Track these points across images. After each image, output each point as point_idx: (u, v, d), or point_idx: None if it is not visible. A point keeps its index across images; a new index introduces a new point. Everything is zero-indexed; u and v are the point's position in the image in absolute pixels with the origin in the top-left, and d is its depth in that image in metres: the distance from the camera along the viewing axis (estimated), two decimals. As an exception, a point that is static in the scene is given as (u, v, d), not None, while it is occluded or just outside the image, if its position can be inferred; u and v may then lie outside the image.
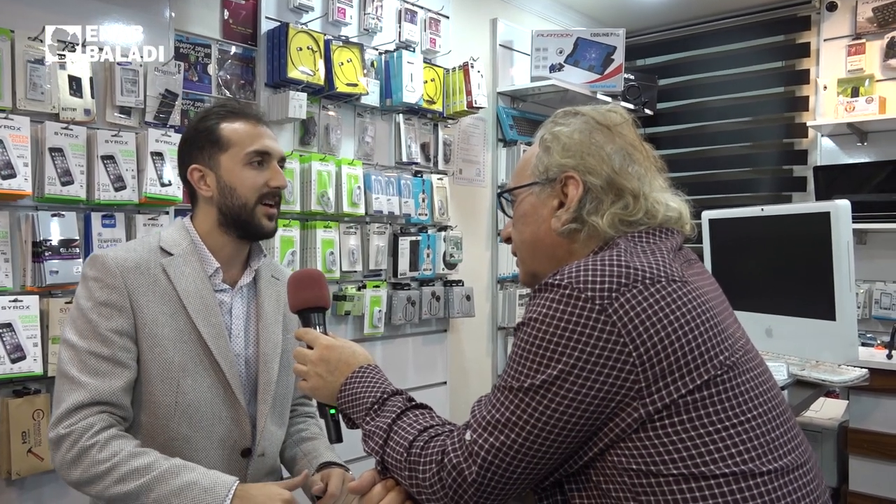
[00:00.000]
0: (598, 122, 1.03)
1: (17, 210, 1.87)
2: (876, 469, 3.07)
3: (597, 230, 0.98)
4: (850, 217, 1.87)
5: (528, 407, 0.86)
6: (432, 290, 3.02)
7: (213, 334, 1.35)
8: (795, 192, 3.93)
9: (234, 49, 2.43)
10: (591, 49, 3.50)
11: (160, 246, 1.38)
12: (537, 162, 1.05)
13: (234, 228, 1.41)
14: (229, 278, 1.44)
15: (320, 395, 1.12)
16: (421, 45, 3.00)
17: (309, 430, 1.60)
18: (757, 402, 0.87)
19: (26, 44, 1.87)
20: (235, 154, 1.39)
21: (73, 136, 1.93)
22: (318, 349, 1.13)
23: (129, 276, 1.30)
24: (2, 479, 1.83)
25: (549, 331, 0.86)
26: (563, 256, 1.02)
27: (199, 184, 1.41)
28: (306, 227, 2.57)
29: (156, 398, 1.30)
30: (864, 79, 3.61)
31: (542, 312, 0.87)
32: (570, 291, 0.86)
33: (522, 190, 1.07)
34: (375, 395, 1.04)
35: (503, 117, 3.49)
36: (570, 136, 1.02)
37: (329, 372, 1.10)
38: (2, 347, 1.78)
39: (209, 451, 1.34)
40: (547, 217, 1.03)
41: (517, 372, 0.88)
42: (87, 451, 1.20)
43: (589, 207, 0.99)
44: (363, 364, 1.10)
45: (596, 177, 0.99)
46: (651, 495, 0.83)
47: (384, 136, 2.91)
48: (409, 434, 0.96)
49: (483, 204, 3.47)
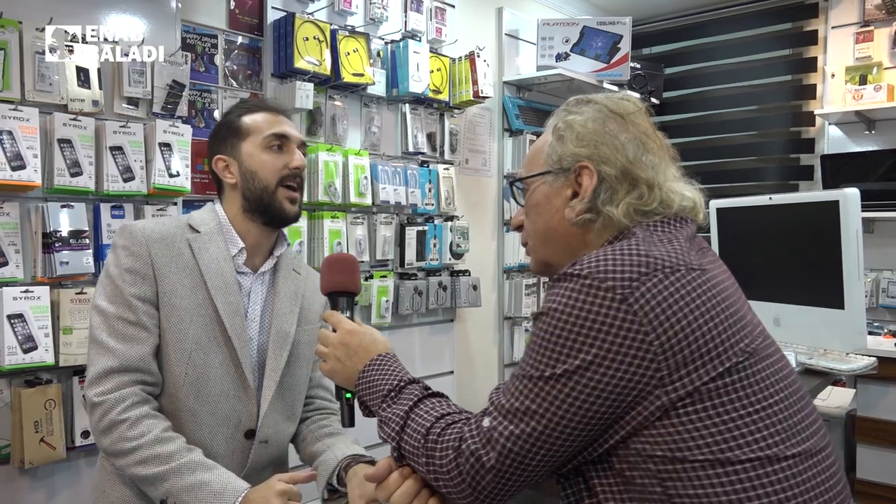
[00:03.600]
0: (611, 110, 1.02)
1: (27, 201, 1.88)
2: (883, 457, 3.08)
3: (612, 220, 0.98)
4: (858, 205, 1.86)
5: (549, 396, 0.85)
6: (439, 280, 3.02)
7: (229, 311, 1.38)
8: (802, 181, 3.91)
9: (241, 39, 2.43)
10: (597, 38, 3.48)
11: (189, 224, 1.42)
12: (550, 151, 1.04)
13: (258, 214, 1.44)
14: (252, 264, 1.47)
15: (338, 378, 1.13)
16: (427, 34, 3.00)
17: (332, 426, 1.59)
18: (777, 388, 0.88)
19: (34, 35, 1.87)
20: (255, 140, 1.44)
21: (81, 127, 1.94)
22: (340, 333, 1.13)
23: (153, 245, 1.35)
24: (15, 468, 1.85)
25: (571, 321, 0.85)
26: (577, 246, 1.02)
27: (223, 173, 1.46)
28: (314, 218, 2.57)
29: (168, 367, 1.33)
30: (872, 66, 3.59)
31: (563, 302, 0.87)
32: (591, 281, 0.85)
33: (535, 179, 1.06)
34: (392, 382, 1.04)
35: (509, 107, 3.48)
36: (583, 125, 1.01)
37: (348, 356, 1.11)
38: (14, 338, 1.79)
39: (213, 427, 1.36)
40: (560, 207, 1.02)
41: (538, 361, 0.87)
42: (118, 426, 1.24)
43: (603, 197, 0.98)
44: (382, 352, 1.10)
45: (610, 167, 0.98)
46: (678, 481, 0.83)
47: (390, 126, 2.91)
48: (425, 421, 0.95)
49: (489, 194, 3.47)
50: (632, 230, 0.97)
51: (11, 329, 1.79)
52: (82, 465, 1.98)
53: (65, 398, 1.91)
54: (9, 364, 1.78)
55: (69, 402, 1.93)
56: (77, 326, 1.90)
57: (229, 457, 1.38)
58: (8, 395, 1.84)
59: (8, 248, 1.82)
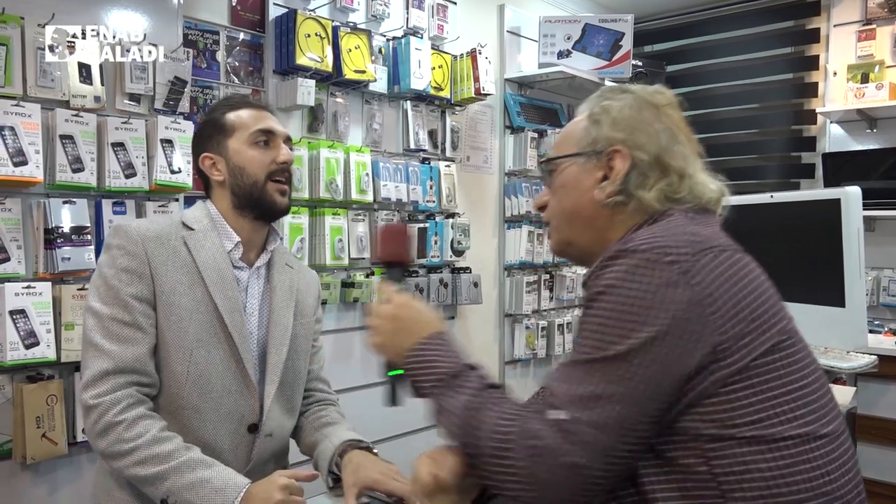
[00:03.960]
0: (646, 100, 1.06)
1: (28, 197, 1.88)
2: (884, 455, 3.08)
3: (644, 204, 1.00)
4: (860, 204, 1.86)
5: (620, 375, 0.84)
6: (440, 277, 3.03)
7: (228, 307, 1.38)
8: (804, 179, 3.91)
9: (243, 36, 2.43)
10: (599, 35, 3.48)
11: (182, 222, 1.43)
12: (584, 134, 1.06)
13: (248, 209, 1.45)
14: (247, 259, 1.48)
15: (386, 351, 1.08)
16: (428, 31, 2.99)
17: (329, 415, 1.60)
18: (810, 370, 0.91)
19: (36, 30, 1.87)
20: (241, 136, 1.45)
21: (83, 123, 1.94)
22: (393, 305, 1.09)
23: (149, 244, 1.35)
24: (16, 464, 1.85)
25: (633, 295, 0.85)
26: (604, 226, 1.04)
27: (211, 170, 1.47)
28: (315, 215, 2.57)
29: (169, 366, 1.33)
30: (874, 65, 3.58)
31: (623, 278, 0.86)
32: (651, 255, 0.86)
33: (566, 160, 1.08)
34: (449, 365, 0.99)
35: (511, 104, 3.48)
36: (620, 111, 1.04)
37: (399, 330, 1.06)
38: (16, 333, 1.79)
39: (217, 423, 1.37)
40: (590, 188, 1.04)
41: (600, 342, 0.86)
42: (114, 427, 1.24)
43: (635, 182, 1.01)
44: (438, 329, 1.05)
45: (644, 153, 1.01)
46: (723, 459, 0.83)
47: (392, 123, 2.91)
48: (491, 419, 0.90)
49: (491, 191, 3.47)
50: (668, 213, 0.99)
51: (13, 324, 1.79)
52: (84, 460, 1.98)
53: (66, 394, 1.91)
54: (10, 360, 1.78)
55: (71, 398, 1.93)
56: (79, 322, 1.90)
57: (234, 452, 1.39)
58: (10, 390, 1.84)
59: (10, 244, 1.82)
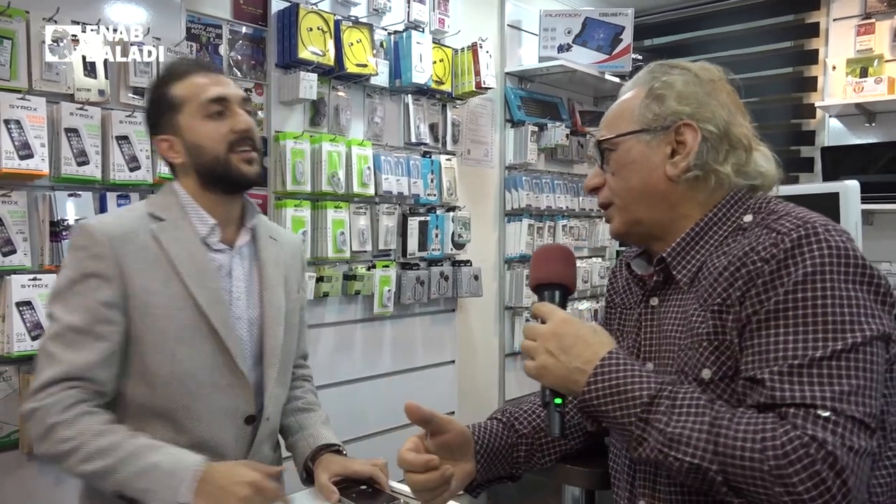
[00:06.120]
0: (702, 76, 1.04)
1: (34, 190, 1.90)
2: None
3: (724, 179, 1.00)
4: (858, 197, 1.88)
5: (865, 364, 0.83)
6: (441, 270, 3.04)
7: (210, 299, 1.30)
8: (803, 173, 3.93)
9: (245, 30, 2.44)
10: (600, 29, 3.49)
11: (149, 212, 1.33)
12: (644, 110, 1.03)
13: (216, 185, 1.36)
14: (226, 239, 1.40)
15: (550, 376, 0.95)
16: (430, 25, 3.00)
17: (305, 397, 1.57)
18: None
19: (41, 25, 1.88)
20: (191, 109, 1.34)
21: (88, 116, 1.95)
22: (553, 323, 0.96)
23: (117, 243, 1.26)
24: (23, 454, 1.87)
25: (842, 278, 0.85)
26: (677, 203, 1.03)
27: (169, 153, 1.37)
28: (317, 208, 2.59)
29: (152, 369, 1.27)
30: (873, 59, 3.59)
31: (823, 262, 0.86)
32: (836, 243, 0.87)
33: (627, 137, 1.05)
34: (651, 386, 0.89)
35: (511, 98, 3.49)
36: (685, 85, 1.02)
37: (563, 350, 0.94)
38: (22, 325, 1.81)
39: (211, 421, 1.32)
40: (660, 164, 1.02)
41: (834, 332, 0.83)
42: (54, 429, 1.18)
43: (710, 156, 1.00)
44: (612, 348, 0.94)
45: (713, 125, 1.00)
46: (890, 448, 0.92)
47: (393, 117, 2.92)
48: (744, 435, 0.82)
49: (491, 184, 3.48)
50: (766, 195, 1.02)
51: (20, 316, 1.81)
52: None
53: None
54: (18, 351, 1.80)
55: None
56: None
57: (234, 445, 1.36)
58: (17, 381, 1.86)
59: (16, 237, 1.83)
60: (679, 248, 1.02)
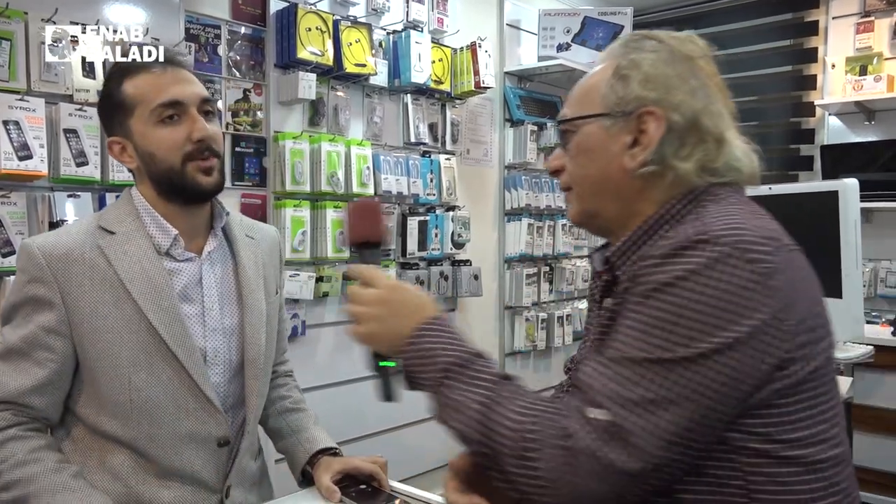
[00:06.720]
0: (679, 52, 0.91)
1: (33, 191, 1.90)
2: (880, 444, 3.11)
3: (682, 177, 0.88)
4: (857, 195, 1.88)
5: (685, 382, 0.74)
6: (440, 269, 3.04)
7: (165, 321, 1.19)
8: (802, 171, 3.93)
9: (244, 30, 2.44)
10: (599, 28, 3.49)
11: (100, 225, 1.21)
12: (608, 91, 0.91)
13: (174, 195, 1.23)
14: (194, 247, 1.28)
15: (377, 341, 0.96)
16: (428, 24, 3.00)
17: (291, 395, 1.52)
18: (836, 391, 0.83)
19: (40, 25, 1.87)
20: (143, 113, 1.19)
21: (87, 117, 1.95)
22: (381, 288, 0.95)
23: (57, 265, 1.16)
24: None
25: (709, 293, 0.74)
26: (632, 198, 0.91)
27: (121, 157, 1.24)
28: (316, 208, 2.59)
29: (109, 398, 1.19)
30: (872, 57, 3.60)
31: (698, 272, 0.75)
32: (732, 251, 0.75)
33: (587, 121, 0.93)
34: (455, 354, 0.87)
35: (510, 97, 3.49)
36: (653, 66, 0.90)
37: (391, 315, 0.93)
38: (22, 326, 1.80)
39: (179, 448, 1.22)
40: (618, 154, 0.91)
41: (663, 341, 0.75)
42: None
43: (671, 149, 0.88)
44: (435, 314, 0.93)
45: (680, 114, 0.88)
46: (760, 475, 0.77)
47: (392, 117, 2.92)
48: (514, 413, 0.80)
49: (491, 184, 3.48)
50: (713, 192, 0.88)
51: (19, 317, 1.81)
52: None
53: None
54: (17, 352, 1.79)
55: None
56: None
57: (211, 468, 1.27)
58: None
59: (15, 237, 1.83)
60: (625, 247, 0.91)
